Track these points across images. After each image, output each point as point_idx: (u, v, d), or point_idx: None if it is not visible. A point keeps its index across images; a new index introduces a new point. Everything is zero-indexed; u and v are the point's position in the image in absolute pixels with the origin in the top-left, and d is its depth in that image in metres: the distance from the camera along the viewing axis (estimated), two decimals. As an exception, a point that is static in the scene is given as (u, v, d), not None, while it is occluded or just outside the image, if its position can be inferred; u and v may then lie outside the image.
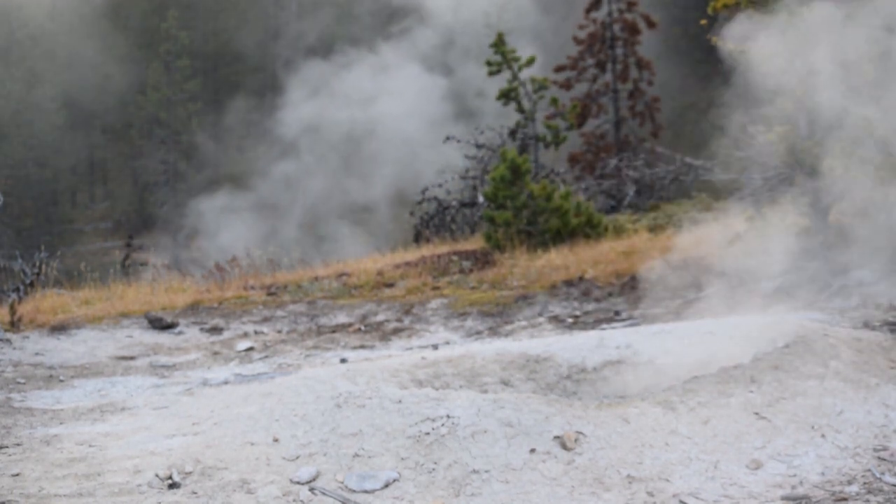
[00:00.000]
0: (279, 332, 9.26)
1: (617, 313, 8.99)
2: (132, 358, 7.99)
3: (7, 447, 4.77)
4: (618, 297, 9.50)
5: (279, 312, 10.15)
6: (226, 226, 30.46)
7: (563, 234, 13.75)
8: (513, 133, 20.42)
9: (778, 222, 9.01)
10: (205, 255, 24.40)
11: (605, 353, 6.09)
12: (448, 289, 11.00)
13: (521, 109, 19.96)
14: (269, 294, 11.33)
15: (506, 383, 5.94)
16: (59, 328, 8.89)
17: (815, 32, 7.72)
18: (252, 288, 11.83)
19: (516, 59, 19.62)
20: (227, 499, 3.82)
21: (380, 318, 9.67)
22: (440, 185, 19.99)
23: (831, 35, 7.64)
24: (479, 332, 8.74)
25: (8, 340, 8.26)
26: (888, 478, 3.90)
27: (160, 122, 40.21)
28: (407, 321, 9.43)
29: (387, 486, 3.89)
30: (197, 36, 43.05)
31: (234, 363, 7.74)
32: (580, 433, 4.13)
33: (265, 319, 9.85)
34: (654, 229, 14.73)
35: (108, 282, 12.57)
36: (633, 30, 23.91)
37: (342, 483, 3.93)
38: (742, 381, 4.66)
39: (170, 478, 4.04)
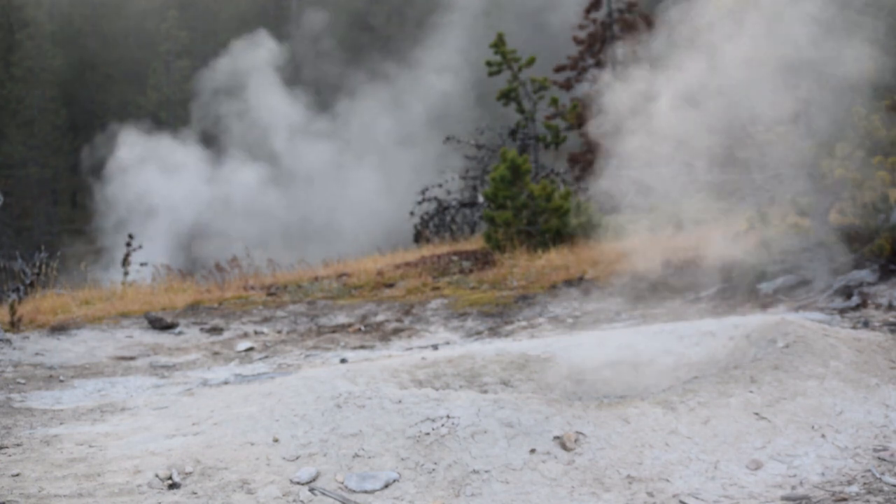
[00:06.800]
0: (279, 332, 9.25)
1: (617, 313, 8.98)
2: (132, 358, 7.99)
3: (7, 447, 4.77)
4: (618, 297, 9.49)
5: (279, 313, 10.15)
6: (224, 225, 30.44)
7: (563, 234, 13.75)
8: (513, 133, 20.42)
9: (778, 222, 9.02)
10: (205, 255, 24.40)
11: (606, 353, 6.08)
12: (448, 289, 10.99)
13: (521, 109, 19.96)
14: (270, 294, 11.34)
15: (506, 383, 5.93)
16: (59, 328, 8.89)
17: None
18: (252, 288, 11.84)
19: (516, 60, 19.62)
20: (227, 499, 3.82)
21: (380, 318, 9.67)
22: (440, 185, 20.01)
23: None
24: (479, 333, 8.73)
25: (8, 340, 8.26)
26: (888, 478, 3.90)
27: (160, 121, 40.22)
28: (407, 321, 9.43)
29: (387, 486, 3.89)
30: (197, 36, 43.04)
31: (234, 363, 7.74)
32: (580, 433, 4.13)
33: (265, 320, 9.85)
34: (654, 229, 14.71)
35: (107, 282, 12.58)
36: (633, 30, 23.93)
37: (342, 483, 3.94)
38: (742, 381, 4.66)
39: (170, 478, 4.04)
